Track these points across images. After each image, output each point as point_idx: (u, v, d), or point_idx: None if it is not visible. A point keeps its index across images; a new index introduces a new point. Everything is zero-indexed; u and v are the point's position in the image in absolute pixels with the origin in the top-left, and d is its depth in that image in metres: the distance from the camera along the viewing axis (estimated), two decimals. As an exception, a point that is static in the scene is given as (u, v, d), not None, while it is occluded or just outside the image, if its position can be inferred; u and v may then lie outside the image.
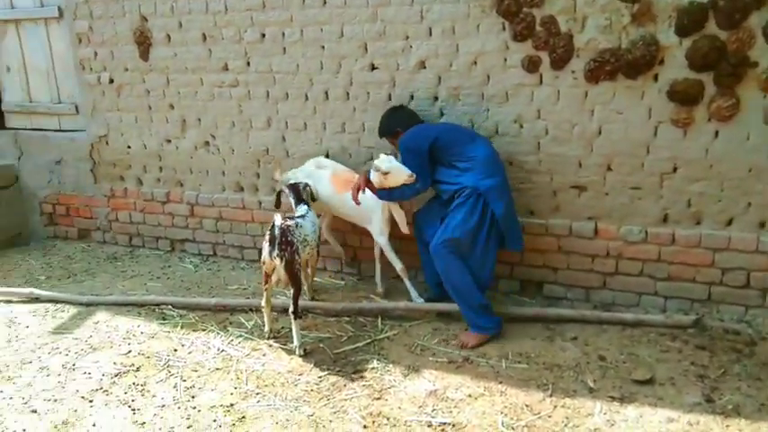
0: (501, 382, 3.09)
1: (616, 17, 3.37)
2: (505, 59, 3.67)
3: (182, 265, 4.84)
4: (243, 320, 3.85)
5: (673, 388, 2.96)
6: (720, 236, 3.52)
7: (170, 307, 4.03)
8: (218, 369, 3.31)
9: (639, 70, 3.39)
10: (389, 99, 4.01)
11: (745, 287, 3.52)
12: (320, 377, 3.19)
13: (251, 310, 3.95)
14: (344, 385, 3.11)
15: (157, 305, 4.06)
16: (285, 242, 3.34)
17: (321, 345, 3.52)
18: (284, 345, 3.52)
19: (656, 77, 3.40)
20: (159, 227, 5.09)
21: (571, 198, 3.77)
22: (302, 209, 3.73)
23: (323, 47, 4.10)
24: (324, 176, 3.98)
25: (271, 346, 3.53)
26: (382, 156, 3.58)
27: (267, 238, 3.41)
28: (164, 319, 3.91)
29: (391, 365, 3.28)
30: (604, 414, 2.81)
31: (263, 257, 3.46)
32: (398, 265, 3.88)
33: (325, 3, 3.99)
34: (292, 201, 3.80)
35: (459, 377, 3.15)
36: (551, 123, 3.69)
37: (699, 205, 3.54)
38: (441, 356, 3.35)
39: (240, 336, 3.66)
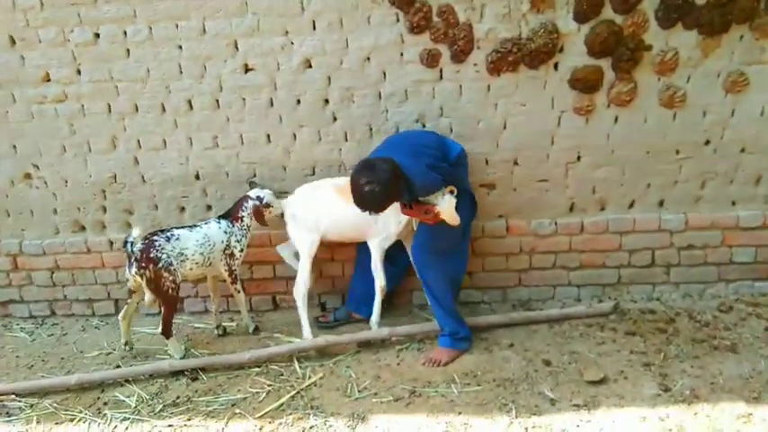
0: (460, 413, 2.76)
1: (515, 4, 3.20)
2: (402, 54, 3.32)
3: (11, 336, 3.75)
4: (122, 397, 3.03)
5: (627, 383, 2.88)
6: (625, 219, 3.57)
7: (13, 397, 3.04)
8: (110, 474, 2.52)
9: (541, 59, 3.28)
10: (271, 105, 3.44)
11: (650, 266, 3.63)
12: (252, 454, 2.58)
13: (128, 381, 3.14)
14: (286, 459, 2.54)
15: (-7, 399, 3.05)
16: (146, 258, 3.06)
17: (237, 410, 2.87)
18: (189, 420, 2.81)
19: (556, 66, 3.31)
20: (-32, 290, 3.91)
21: (481, 197, 3.54)
22: (207, 223, 3.37)
23: (180, 47, 3.37)
24: (325, 195, 3.28)
25: (171, 426, 2.79)
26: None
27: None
28: (8, 415, 2.93)
29: (332, 419, 2.77)
30: (577, 426, 2.63)
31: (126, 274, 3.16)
32: (382, 282, 3.34)
33: (178, -7, 3.29)
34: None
35: (414, 416, 2.75)
36: (455, 120, 3.43)
37: (603, 191, 3.55)
38: (383, 395, 2.92)
39: (124, 418, 2.86)
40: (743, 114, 3.32)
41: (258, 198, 3.35)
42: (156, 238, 3.15)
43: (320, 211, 3.30)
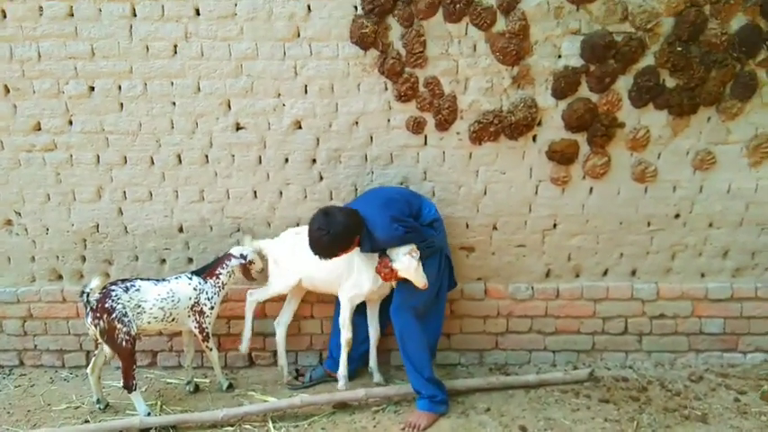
0: (436, 479, 2.74)
1: (497, 79, 3.38)
2: (389, 120, 3.46)
3: (-25, 386, 3.64)
4: (89, 453, 2.95)
5: (601, 451, 2.91)
6: (599, 286, 3.67)
7: (-26, 452, 2.94)
8: None
9: (521, 131, 3.44)
10: (260, 162, 3.52)
11: (623, 333, 3.71)
12: None
13: (96, 436, 3.06)
14: None
15: (-47, 454, 2.94)
16: (102, 308, 3.06)
17: (209, 470, 2.81)
18: (159, 479, 2.74)
19: (534, 138, 3.47)
20: (-66, 337, 3.81)
21: (460, 260, 3.64)
22: (178, 277, 3.36)
23: (173, 103, 3.46)
24: (306, 242, 3.18)
25: (140, 484, 2.72)
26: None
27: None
28: (-33, 472, 2.82)
29: (306, 482, 2.73)
30: (552, 495, 2.63)
31: None
32: (348, 335, 3.34)
33: (175, 53, 3.39)
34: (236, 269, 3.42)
35: (389, 482, 2.73)
36: (438, 185, 3.55)
37: (578, 258, 3.66)
38: (359, 458, 2.89)
39: (91, 477, 2.77)
40: (711, 190, 3.49)
41: (242, 256, 3.39)
42: (113, 288, 3.14)
43: (300, 258, 3.30)
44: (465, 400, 3.36)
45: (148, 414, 3.16)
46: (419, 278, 3.04)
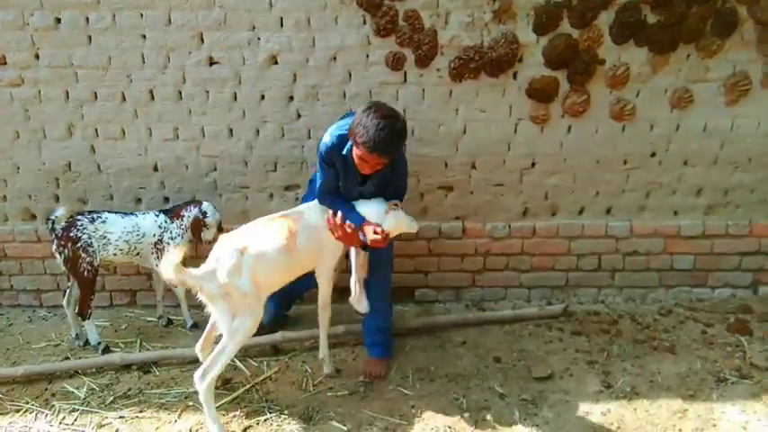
0: (413, 406, 2.82)
1: (478, 14, 3.31)
2: (368, 56, 3.39)
3: (-48, 326, 3.61)
4: (70, 388, 2.98)
5: (572, 379, 3.01)
6: (574, 224, 3.73)
7: (-46, 388, 2.94)
8: (58, 465, 2.47)
9: (501, 68, 3.39)
10: (235, 99, 3.44)
11: (596, 270, 3.79)
12: (205, 447, 2.58)
13: (77, 372, 3.08)
14: (241, 450, 2.55)
15: (-68, 389, 2.94)
16: (66, 237, 3.12)
17: (190, 402, 2.86)
18: (140, 412, 2.78)
19: (515, 75, 3.43)
20: None
21: (438, 199, 3.66)
22: (145, 213, 3.36)
23: (144, 36, 3.34)
24: (273, 237, 2.70)
25: (122, 417, 2.76)
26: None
27: None
28: (-51, 407, 2.83)
29: (287, 412, 2.79)
30: (524, 420, 2.73)
31: None
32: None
33: (144, -19, 3.26)
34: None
35: (369, 411, 2.80)
36: (417, 123, 3.51)
37: (554, 197, 3.69)
38: (338, 388, 2.96)
39: (73, 410, 2.81)
40: (687, 129, 3.51)
41: (203, 212, 3.33)
42: (80, 217, 3.17)
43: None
44: (442, 334, 3.44)
45: (99, 343, 3.25)
46: (412, 225, 2.90)
